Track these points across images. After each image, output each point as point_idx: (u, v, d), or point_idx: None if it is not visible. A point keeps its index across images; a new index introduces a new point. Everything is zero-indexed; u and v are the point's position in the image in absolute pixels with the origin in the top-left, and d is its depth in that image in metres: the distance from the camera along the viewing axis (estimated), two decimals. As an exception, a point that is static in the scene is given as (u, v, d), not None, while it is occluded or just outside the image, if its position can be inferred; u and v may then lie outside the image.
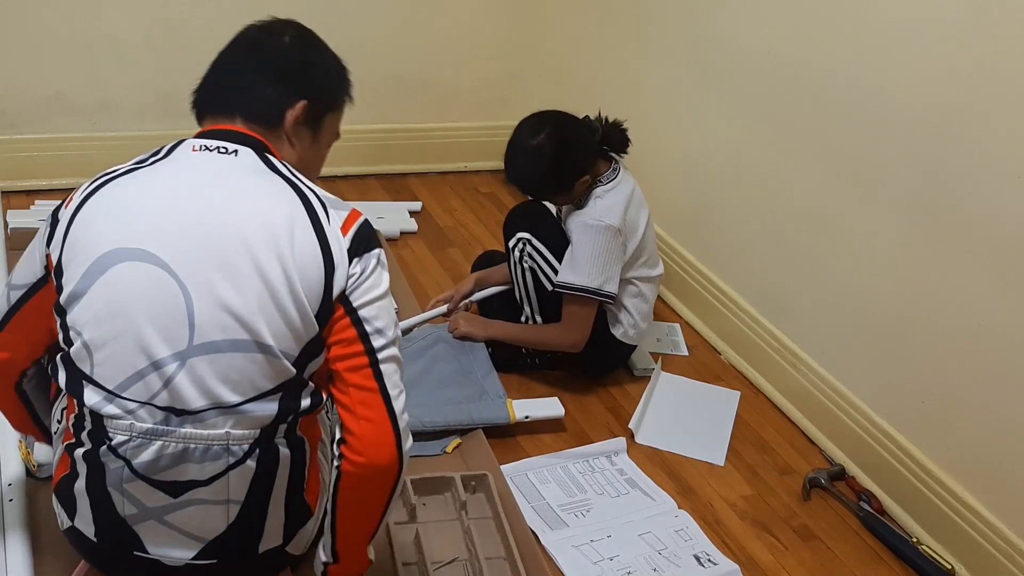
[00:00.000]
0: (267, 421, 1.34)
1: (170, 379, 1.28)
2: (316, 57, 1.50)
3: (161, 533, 1.36)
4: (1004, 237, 1.81)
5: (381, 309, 1.35)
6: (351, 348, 1.34)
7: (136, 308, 1.28)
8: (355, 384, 1.34)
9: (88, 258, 1.30)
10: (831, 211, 2.22)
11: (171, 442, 1.30)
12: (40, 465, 1.75)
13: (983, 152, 1.83)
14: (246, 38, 1.48)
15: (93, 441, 1.33)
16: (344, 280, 1.32)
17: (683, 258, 2.75)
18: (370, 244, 1.36)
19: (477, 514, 1.83)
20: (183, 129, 3.24)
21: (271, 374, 1.31)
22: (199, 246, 1.28)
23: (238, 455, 1.33)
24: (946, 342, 1.96)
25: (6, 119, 2.76)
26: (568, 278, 2.19)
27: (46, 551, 1.60)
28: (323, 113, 1.48)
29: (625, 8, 2.90)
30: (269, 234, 1.29)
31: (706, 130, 2.62)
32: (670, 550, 1.88)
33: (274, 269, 1.28)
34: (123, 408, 1.30)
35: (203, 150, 1.36)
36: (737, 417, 2.34)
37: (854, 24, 2.10)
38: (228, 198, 1.32)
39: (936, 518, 2.00)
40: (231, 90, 1.43)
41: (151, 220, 1.30)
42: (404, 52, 3.18)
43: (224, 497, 1.35)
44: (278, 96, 1.42)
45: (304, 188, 1.36)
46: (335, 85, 1.52)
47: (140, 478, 1.32)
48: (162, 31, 2.82)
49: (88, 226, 1.32)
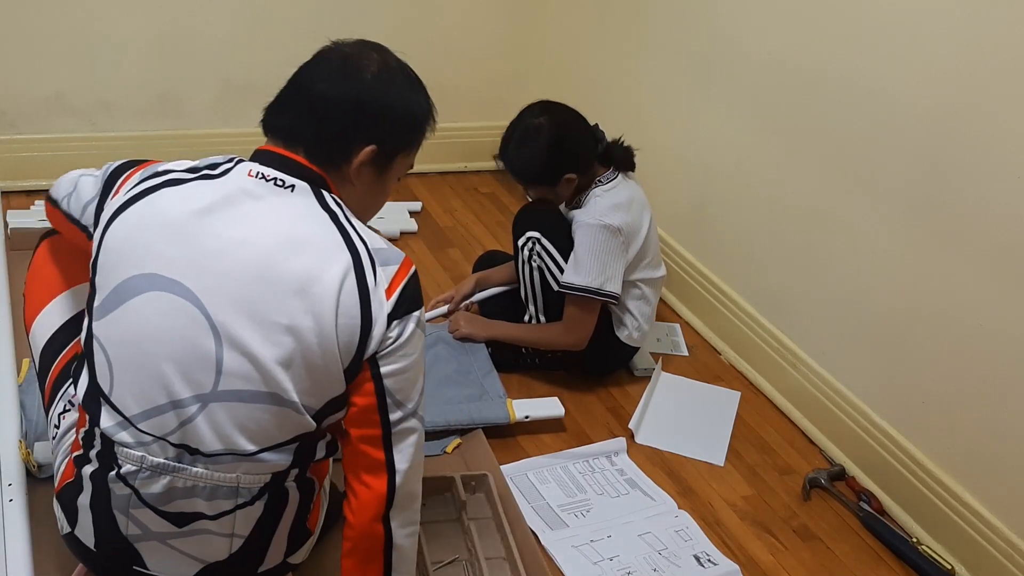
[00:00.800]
0: (280, 468, 1.33)
1: (188, 420, 1.26)
2: (397, 98, 1.39)
3: (163, 554, 1.35)
4: (1004, 237, 1.81)
5: (407, 381, 1.31)
6: (367, 416, 1.30)
7: (164, 342, 1.25)
8: (363, 452, 1.31)
9: (122, 272, 1.27)
10: (831, 211, 2.22)
11: (181, 479, 1.29)
12: (40, 465, 1.75)
13: (984, 152, 1.83)
14: (329, 64, 1.38)
15: (101, 463, 1.31)
16: (378, 342, 1.28)
17: (683, 258, 2.75)
18: (412, 306, 1.31)
19: (477, 514, 1.83)
20: (183, 129, 3.27)
21: (290, 427, 1.29)
22: (239, 294, 1.24)
23: (247, 497, 1.32)
24: (946, 342, 1.96)
25: (6, 119, 2.76)
26: (570, 279, 2.19)
27: (46, 551, 1.60)
28: (394, 156, 1.40)
29: (625, 8, 2.90)
30: (311, 292, 1.24)
31: (706, 130, 2.62)
32: (670, 550, 1.88)
33: (310, 328, 1.24)
34: (136, 439, 1.28)
35: (259, 177, 1.30)
36: (737, 417, 2.34)
37: (854, 23, 2.10)
38: (276, 247, 1.26)
39: (936, 518, 2.00)
40: (300, 119, 1.35)
41: (195, 252, 1.26)
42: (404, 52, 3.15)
43: (229, 531, 1.34)
44: (348, 138, 1.34)
45: (356, 240, 1.29)
46: (412, 129, 1.42)
47: (147, 507, 1.31)
48: (162, 31, 2.82)
49: (130, 233, 1.29)
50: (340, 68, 1.36)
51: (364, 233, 1.32)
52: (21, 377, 1.97)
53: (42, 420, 1.86)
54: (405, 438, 1.32)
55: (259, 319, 1.23)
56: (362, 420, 1.30)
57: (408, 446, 1.32)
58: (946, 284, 1.94)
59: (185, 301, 1.24)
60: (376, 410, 1.30)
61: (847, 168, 2.16)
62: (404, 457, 1.32)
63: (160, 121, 2.91)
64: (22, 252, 2.44)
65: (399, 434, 1.32)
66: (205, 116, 2.96)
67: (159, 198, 1.30)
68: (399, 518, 1.35)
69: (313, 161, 1.33)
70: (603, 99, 3.05)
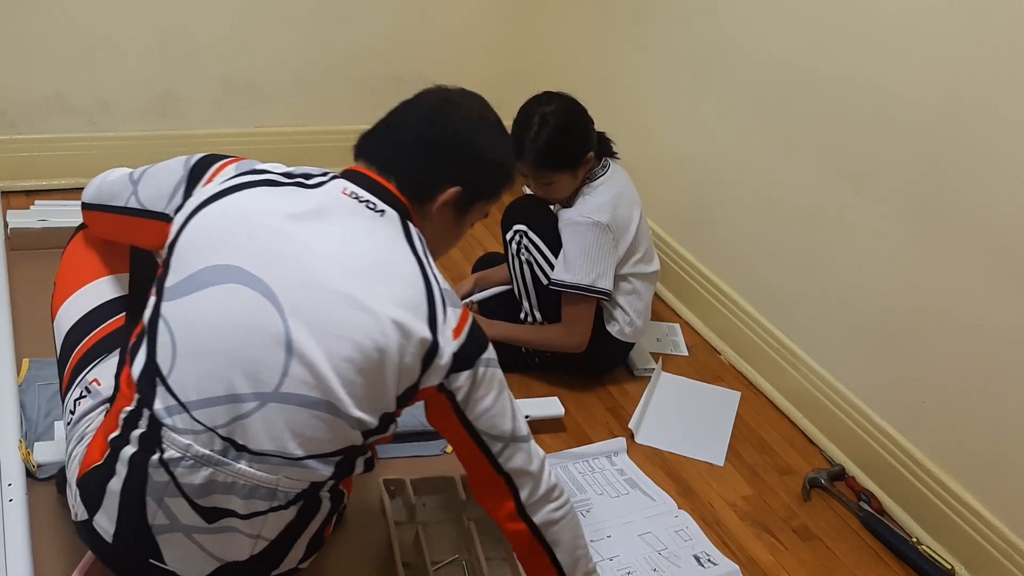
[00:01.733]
0: (320, 479, 1.34)
1: (243, 416, 1.26)
2: (488, 147, 1.46)
3: (184, 547, 1.33)
4: (1004, 237, 1.81)
5: (495, 417, 1.37)
6: (472, 454, 1.39)
7: (235, 336, 1.26)
8: (482, 476, 1.42)
9: (205, 258, 1.28)
10: (831, 211, 2.22)
11: (223, 473, 1.28)
12: (40, 465, 1.75)
13: (983, 152, 1.83)
14: (429, 105, 1.45)
15: (142, 445, 1.29)
16: (441, 376, 1.32)
17: (683, 258, 2.75)
18: (481, 348, 1.35)
19: (477, 514, 1.83)
20: (183, 129, 3.27)
21: (340, 439, 1.31)
22: (317, 306, 1.26)
23: (283, 501, 1.33)
24: (946, 342, 1.96)
25: (6, 119, 2.76)
26: (561, 276, 2.20)
27: (46, 551, 1.60)
28: (474, 200, 1.46)
29: (624, 8, 2.90)
30: (387, 314, 1.26)
31: (706, 130, 2.62)
32: (670, 550, 1.88)
33: (380, 349, 1.26)
34: (188, 426, 1.27)
35: (352, 196, 1.34)
36: (737, 417, 2.34)
37: (854, 23, 2.10)
38: (359, 267, 1.29)
39: (936, 518, 2.00)
40: (395, 154, 1.40)
41: (282, 256, 1.28)
42: (404, 52, 3.18)
43: (256, 533, 1.34)
44: (437, 176, 1.40)
45: (431, 277, 1.33)
46: (497, 179, 1.49)
47: (183, 497, 1.30)
48: (162, 31, 2.82)
49: (219, 222, 1.30)
50: (439, 109, 1.44)
51: (437, 273, 1.36)
52: (21, 377, 1.97)
53: (42, 420, 1.86)
54: (512, 458, 1.40)
55: (333, 333, 1.25)
56: (472, 457, 1.40)
57: (517, 462, 1.40)
58: (946, 284, 1.94)
59: (264, 300, 1.25)
60: (479, 450, 1.39)
61: (847, 168, 2.16)
62: (517, 471, 1.40)
63: (160, 121, 2.91)
64: (22, 252, 2.44)
65: (505, 458, 1.40)
66: (205, 116, 2.96)
67: (254, 195, 1.32)
68: (535, 511, 1.43)
69: (402, 192, 1.38)
70: (603, 99, 3.05)
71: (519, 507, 1.41)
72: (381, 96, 3.18)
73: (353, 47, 3.09)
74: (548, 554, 1.46)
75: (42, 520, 1.65)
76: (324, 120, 3.12)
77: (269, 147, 3.06)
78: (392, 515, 1.76)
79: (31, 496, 1.68)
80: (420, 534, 1.74)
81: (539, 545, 1.46)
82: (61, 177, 2.81)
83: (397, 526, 1.76)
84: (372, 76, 3.14)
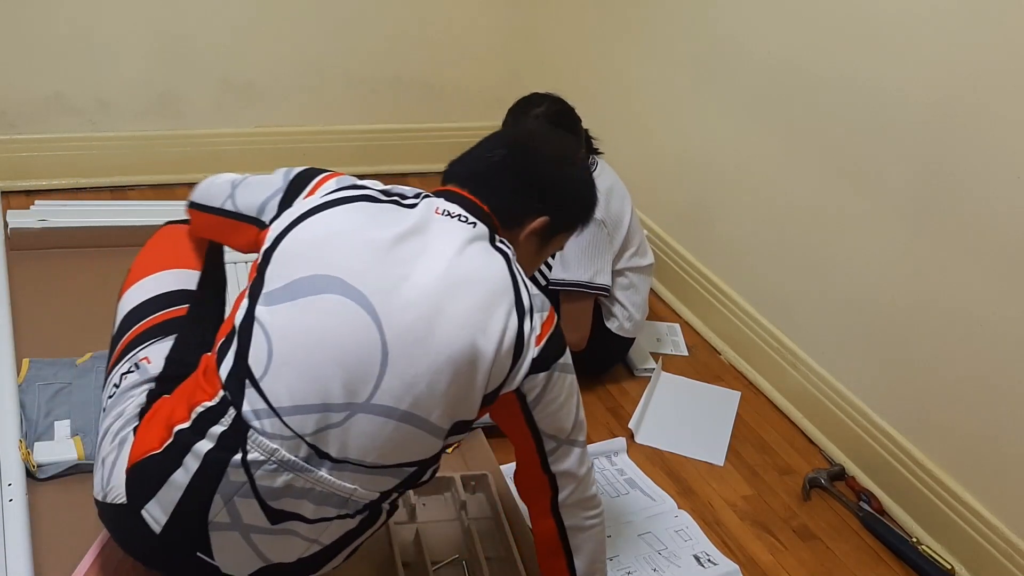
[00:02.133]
0: (391, 487, 1.35)
1: (332, 426, 1.28)
2: (577, 184, 1.53)
3: (236, 546, 1.32)
4: (1004, 237, 1.81)
5: (558, 419, 1.40)
6: (528, 448, 1.43)
7: (335, 346, 1.27)
8: (530, 474, 1.46)
9: (304, 268, 1.31)
10: (831, 210, 2.22)
11: (302, 479, 1.29)
12: (40, 465, 1.75)
13: (984, 152, 1.83)
14: (518, 137, 1.55)
15: (223, 444, 1.28)
16: (519, 380, 1.34)
17: (683, 258, 2.75)
18: (558, 354, 1.38)
19: (477, 514, 1.83)
20: (183, 129, 3.27)
21: (418, 450, 1.33)
22: (411, 322, 1.28)
23: (351, 510, 1.34)
24: (947, 342, 1.96)
25: (6, 119, 2.76)
26: (559, 275, 2.20)
27: (46, 551, 1.60)
28: (557, 232, 1.51)
29: (624, 8, 2.90)
30: (479, 327, 1.30)
31: (705, 130, 2.62)
32: (670, 550, 1.88)
33: (470, 360, 1.29)
34: (277, 431, 1.27)
35: (445, 214, 1.38)
36: (737, 417, 2.34)
37: (854, 23, 2.10)
38: (453, 281, 1.31)
39: (936, 518, 2.00)
40: (487, 179, 1.45)
41: (382, 271, 1.30)
42: (404, 52, 3.18)
43: (314, 538, 1.35)
44: (527, 206, 1.46)
45: (521, 286, 1.36)
46: (580, 213, 1.55)
47: (255, 498, 1.29)
48: (162, 31, 2.82)
49: (320, 234, 1.33)
50: (531, 141, 1.54)
51: (526, 278, 1.40)
52: (21, 377, 1.97)
53: (42, 420, 1.87)
54: (562, 459, 1.43)
55: (426, 346, 1.28)
56: (523, 452, 1.44)
57: (566, 464, 1.43)
58: (946, 284, 1.94)
59: (363, 312, 1.28)
60: (534, 447, 1.42)
61: (847, 168, 2.16)
62: (564, 473, 1.44)
63: (160, 121, 2.91)
64: (22, 252, 2.44)
65: (556, 458, 1.43)
66: (205, 116, 2.96)
67: (355, 208, 1.36)
68: (569, 513, 1.47)
69: (493, 214, 1.43)
70: (603, 99, 3.06)
71: (554, 505, 1.45)
72: (381, 96, 3.23)
73: (353, 47, 3.09)
74: (567, 558, 1.50)
75: (42, 520, 1.66)
76: (324, 120, 3.12)
77: (269, 147, 3.06)
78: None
79: (31, 496, 1.69)
80: (420, 534, 1.74)
81: (561, 548, 1.49)
82: (61, 177, 2.81)
83: (397, 526, 1.76)
84: (372, 76, 3.14)
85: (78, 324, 2.18)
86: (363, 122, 3.17)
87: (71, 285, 2.34)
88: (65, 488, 1.74)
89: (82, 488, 1.74)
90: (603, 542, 1.54)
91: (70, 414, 1.89)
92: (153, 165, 2.92)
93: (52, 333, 2.14)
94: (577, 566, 1.50)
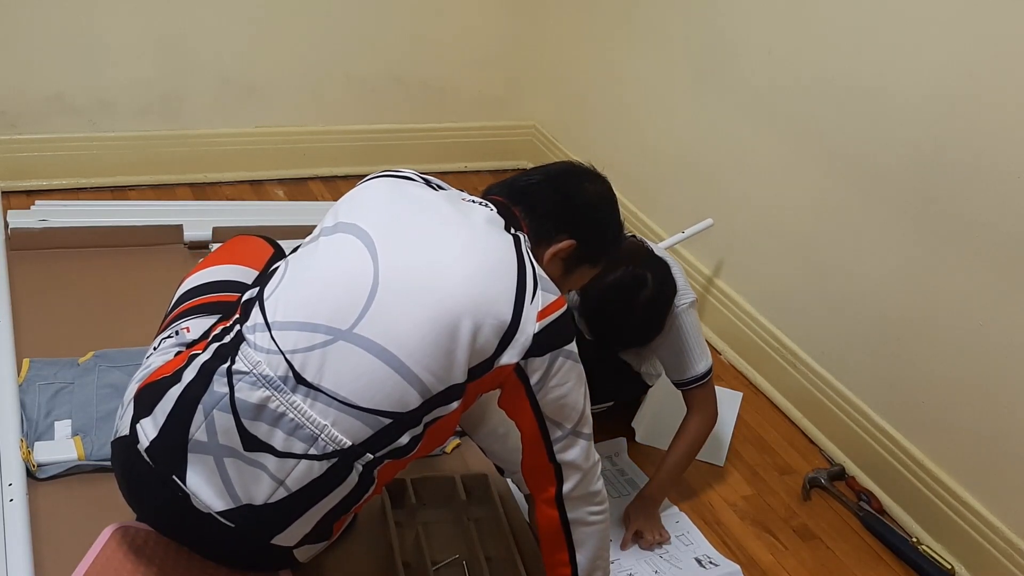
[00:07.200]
0: (362, 438, 1.35)
1: (314, 347, 1.32)
2: (606, 216, 1.58)
3: (209, 471, 1.35)
4: (1005, 238, 1.81)
5: (563, 407, 1.42)
6: (534, 436, 1.44)
7: (331, 272, 1.37)
8: (536, 464, 1.47)
9: (335, 219, 1.45)
10: (831, 211, 2.22)
11: (276, 400, 1.32)
12: (40, 465, 1.75)
13: (984, 152, 1.83)
14: (559, 168, 1.60)
15: (216, 354, 1.37)
16: (517, 353, 1.36)
17: (682, 257, 2.75)
18: (565, 338, 1.40)
19: (477, 514, 1.83)
20: (183, 129, 3.27)
21: (396, 400, 1.34)
22: (409, 266, 1.36)
23: (318, 451, 1.34)
24: (947, 342, 1.96)
25: (6, 119, 2.76)
26: (686, 374, 1.97)
27: (46, 551, 1.60)
28: (582, 260, 1.55)
29: (624, 9, 2.90)
30: (475, 288, 1.34)
31: (705, 130, 2.62)
32: (671, 552, 1.88)
33: (458, 316, 1.32)
34: (264, 345, 1.34)
35: (470, 200, 1.49)
36: (737, 417, 2.34)
37: (854, 22, 2.10)
38: (459, 244, 1.38)
39: (936, 518, 2.00)
40: (522, 195, 1.52)
41: (396, 223, 1.41)
42: (404, 53, 3.18)
43: (282, 478, 1.35)
44: (557, 223, 1.51)
45: (527, 262, 1.40)
46: (606, 246, 1.59)
47: (231, 413, 1.33)
48: (162, 31, 2.82)
49: (360, 195, 1.50)
50: (571, 171, 1.60)
51: (536, 263, 1.44)
52: (21, 377, 1.97)
53: (42, 420, 1.87)
54: (568, 449, 1.45)
55: (416, 292, 1.33)
56: (530, 441, 1.44)
57: (572, 455, 1.45)
58: (946, 284, 1.94)
59: (364, 249, 1.37)
60: (540, 435, 1.43)
61: (847, 168, 2.16)
62: (569, 464, 1.45)
63: (160, 121, 2.91)
64: (22, 252, 2.44)
65: (561, 447, 1.44)
66: (205, 116, 2.96)
67: (390, 182, 1.52)
68: (573, 506, 1.48)
69: (524, 221, 1.49)
70: (602, 99, 3.06)
71: (559, 496, 1.47)
72: (381, 96, 3.23)
73: (353, 48, 3.09)
74: (569, 552, 1.51)
75: (42, 520, 1.66)
76: (324, 120, 3.12)
77: (269, 147, 3.06)
78: (392, 515, 1.76)
79: (31, 496, 1.69)
80: (420, 534, 1.74)
81: (564, 540, 1.50)
82: (61, 177, 2.81)
83: (397, 526, 1.76)
84: (372, 76, 3.14)
85: (78, 324, 2.18)
86: (363, 122, 3.17)
87: (71, 285, 2.34)
88: (65, 488, 1.74)
89: (82, 488, 1.74)
90: (607, 540, 1.56)
91: (71, 414, 1.89)
92: (153, 165, 2.92)
93: (52, 333, 2.14)
94: (579, 561, 1.51)
